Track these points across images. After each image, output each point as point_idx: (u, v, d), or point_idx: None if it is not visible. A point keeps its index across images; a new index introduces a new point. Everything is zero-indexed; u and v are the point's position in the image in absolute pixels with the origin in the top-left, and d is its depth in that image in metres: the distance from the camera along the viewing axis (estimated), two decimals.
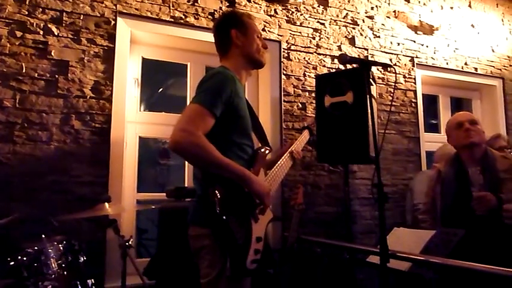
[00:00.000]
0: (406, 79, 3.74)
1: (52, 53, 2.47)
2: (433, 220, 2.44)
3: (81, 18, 2.57)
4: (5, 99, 2.34)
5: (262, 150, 1.75)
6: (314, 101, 3.08)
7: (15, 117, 2.35)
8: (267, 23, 3.17)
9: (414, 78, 3.77)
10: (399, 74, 3.70)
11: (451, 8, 4.15)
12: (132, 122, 2.83)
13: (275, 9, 3.21)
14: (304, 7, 3.35)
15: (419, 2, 3.95)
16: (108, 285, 2.36)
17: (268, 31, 3.16)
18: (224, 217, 1.42)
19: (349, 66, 3.16)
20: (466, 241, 1.95)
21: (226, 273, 1.44)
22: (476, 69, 4.18)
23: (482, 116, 4.31)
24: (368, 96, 1.90)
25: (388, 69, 3.58)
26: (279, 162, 1.81)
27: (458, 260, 1.72)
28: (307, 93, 3.25)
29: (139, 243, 5.38)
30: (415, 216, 3.10)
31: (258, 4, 3.16)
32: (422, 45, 3.88)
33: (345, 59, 1.71)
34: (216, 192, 1.43)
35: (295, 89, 3.22)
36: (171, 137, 1.42)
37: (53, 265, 1.67)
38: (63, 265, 1.75)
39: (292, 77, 3.22)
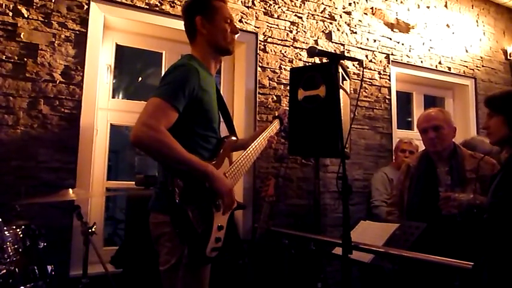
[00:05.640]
0: (381, 76, 3.79)
1: (21, 36, 2.40)
2: (399, 213, 2.50)
3: (53, 1, 2.51)
4: None
5: (230, 139, 1.74)
6: (289, 94, 3.10)
7: None
8: (244, 14, 3.15)
9: (389, 75, 3.83)
10: (374, 70, 3.75)
11: (428, 7, 4.22)
12: (104, 109, 2.78)
13: (253, 1, 3.20)
14: (282, 0, 3.35)
15: (396, 0, 4.00)
16: (72, 273, 2.34)
17: (245, 22, 3.15)
18: (183, 207, 1.39)
19: (319, 60, 3.21)
20: (429, 238, 1.99)
21: (184, 261, 1.44)
22: (449, 68, 4.27)
23: (454, 115, 4.42)
24: (339, 90, 1.93)
25: (364, 65, 3.62)
26: (244, 153, 1.79)
27: (416, 252, 1.77)
28: (282, 86, 3.26)
29: (115, 233, 5.35)
30: (374, 213, 3.18)
31: None
32: (398, 42, 3.94)
33: (313, 52, 1.70)
34: (178, 181, 1.40)
35: (271, 82, 3.23)
36: (132, 132, 1.37)
37: (9, 249, 1.64)
38: (20, 250, 1.72)
39: (268, 69, 3.22)
